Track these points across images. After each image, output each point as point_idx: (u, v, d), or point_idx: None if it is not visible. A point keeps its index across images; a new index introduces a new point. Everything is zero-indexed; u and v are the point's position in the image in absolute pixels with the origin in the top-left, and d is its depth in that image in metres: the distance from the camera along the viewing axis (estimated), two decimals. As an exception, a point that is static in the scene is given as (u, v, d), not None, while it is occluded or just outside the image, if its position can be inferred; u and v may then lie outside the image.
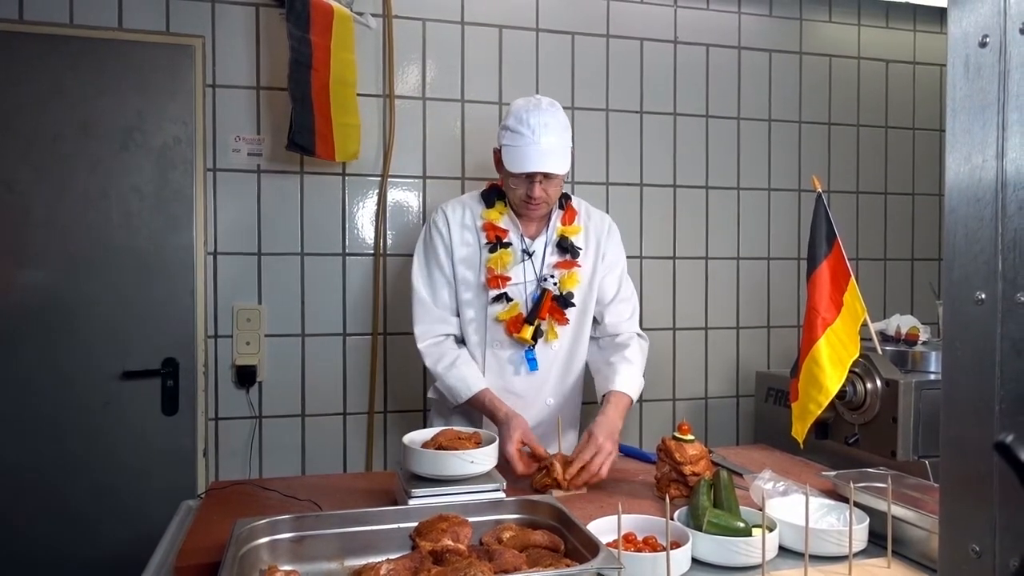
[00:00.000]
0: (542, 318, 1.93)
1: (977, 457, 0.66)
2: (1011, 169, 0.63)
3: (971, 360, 0.66)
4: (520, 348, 1.96)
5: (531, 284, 1.95)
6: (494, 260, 1.92)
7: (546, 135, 1.80)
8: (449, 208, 2.00)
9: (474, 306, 1.96)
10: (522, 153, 1.80)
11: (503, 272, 1.93)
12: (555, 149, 1.82)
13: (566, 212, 2.02)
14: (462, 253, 1.96)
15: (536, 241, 1.98)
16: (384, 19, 2.52)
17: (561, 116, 1.87)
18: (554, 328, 1.96)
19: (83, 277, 2.33)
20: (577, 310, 1.99)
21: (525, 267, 1.95)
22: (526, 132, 1.80)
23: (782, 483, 1.47)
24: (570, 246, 1.98)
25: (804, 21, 2.99)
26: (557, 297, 1.94)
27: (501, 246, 1.93)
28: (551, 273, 1.95)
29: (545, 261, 1.97)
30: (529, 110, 1.83)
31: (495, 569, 1.07)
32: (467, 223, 1.97)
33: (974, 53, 0.66)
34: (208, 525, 1.40)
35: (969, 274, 0.66)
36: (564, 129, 1.86)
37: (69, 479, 2.31)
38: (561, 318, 1.96)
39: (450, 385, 1.89)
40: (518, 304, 1.94)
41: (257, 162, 2.46)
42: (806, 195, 2.99)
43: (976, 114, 0.66)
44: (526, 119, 1.81)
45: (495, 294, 1.92)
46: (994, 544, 0.64)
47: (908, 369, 2.00)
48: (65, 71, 2.30)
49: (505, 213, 1.96)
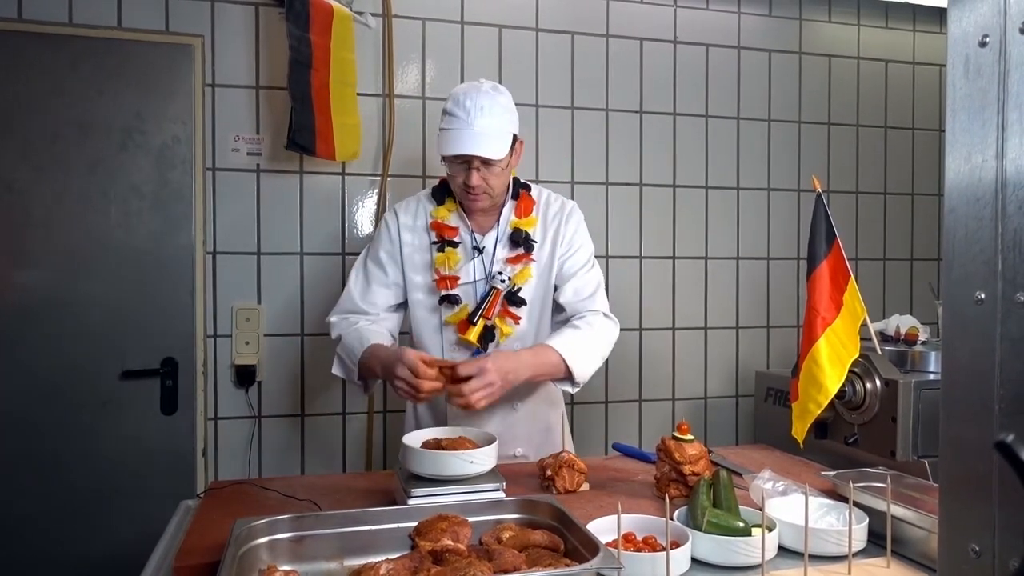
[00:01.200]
0: (487, 317, 1.79)
1: (976, 457, 0.66)
2: (1011, 169, 0.63)
3: (971, 360, 0.66)
4: (472, 351, 1.82)
5: (481, 283, 1.83)
6: (441, 260, 1.82)
7: (481, 117, 1.67)
8: (401, 208, 1.90)
9: (426, 307, 1.86)
10: (454, 136, 1.68)
11: (451, 272, 1.81)
12: (490, 132, 1.68)
13: (520, 203, 1.86)
14: (414, 259, 1.86)
15: (487, 236, 1.85)
16: (384, 19, 2.52)
17: (503, 100, 1.73)
18: (508, 328, 1.82)
19: (82, 277, 2.33)
20: (534, 307, 1.85)
21: (475, 264, 1.83)
22: (460, 114, 1.68)
23: (782, 483, 1.47)
24: (523, 239, 1.83)
25: (804, 21, 2.99)
26: (508, 294, 1.80)
27: (449, 245, 1.82)
28: (500, 269, 1.82)
29: (496, 256, 1.83)
30: (467, 92, 1.71)
31: (495, 569, 1.07)
32: (418, 224, 1.87)
33: (974, 53, 0.65)
34: (207, 525, 1.40)
35: (969, 274, 0.66)
36: (504, 112, 1.72)
37: (68, 478, 2.31)
38: (512, 316, 1.82)
39: (348, 343, 1.76)
40: (468, 305, 1.82)
41: (256, 162, 2.46)
42: (806, 195, 2.99)
43: (976, 114, 0.66)
44: (462, 100, 1.69)
45: (443, 295, 1.81)
46: (993, 544, 0.64)
47: (907, 369, 2.00)
48: (64, 70, 2.30)
49: (454, 210, 1.85)
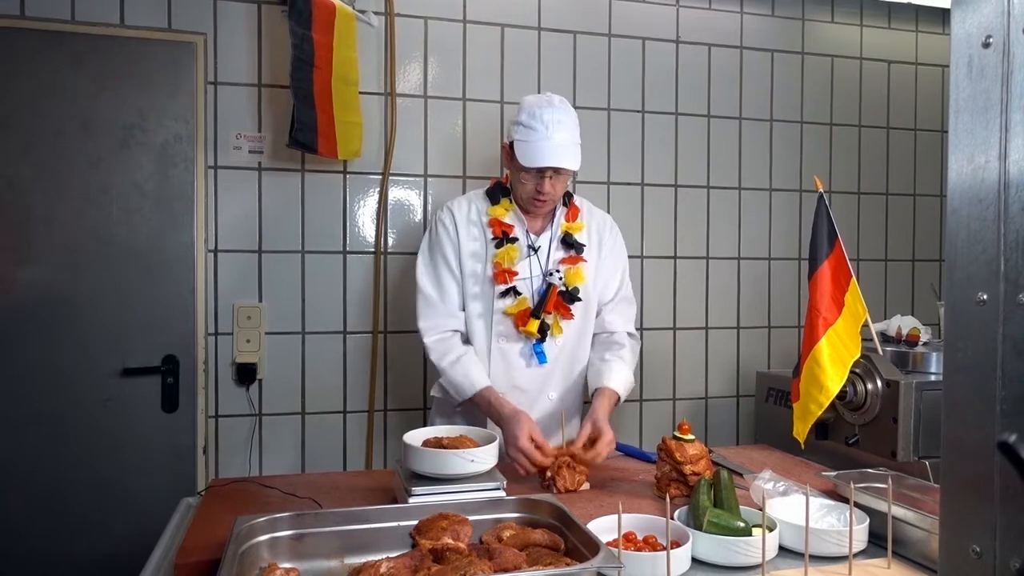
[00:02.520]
0: (547, 312, 1.95)
1: (978, 458, 0.66)
2: (1014, 170, 0.63)
3: (972, 361, 0.66)
4: (526, 342, 1.98)
5: (537, 279, 1.97)
6: (501, 255, 1.94)
7: (559, 131, 1.83)
8: (455, 205, 2.02)
9: (481, 300, 1.97)
10: (535, 148, 1.83)
11: (510, 267, 1.94)
12: (567, 145, 1.85)
13: (569, 209, 2.04)
14: (470, 248, 1.97)
15: (541, 237, 2.00)
16: (386, 17, 2.52)
17: (572, 114, 1.90)
18: (559, 323, 1.98)
19: (83, 274, 2.33)
20: (581, 305, 2.00)
21: (531, 262, 1.98)
22: (539, 128, 1.83)
23: (782, 483, 1.48)
24: (574, 242, 2.00)
25: (806, 21, 2.98)
26: (563, 292, 1.96)
27: (508, 241, 1.95)
28: (556, 268, 1.97)
29: (550, 257, 1.99)
30: (543, 106, 1.86)
31: (495, 568, 1.07)
32: (473, 219, 1.99)
33: (977, 54, 0.65)
34: (208, 522, 1.40)
35: (971, 275, 0.66)
36: (575, 126, 1.90)
37: (69, 476, 2.31)
38: (566, 313, 1.98)
39: (454, 381, 1.89)
40: (526, 298, 1.95)
41: (258, 160, 2.46)
42: (807, 195, 2.98)
43: (979, 115, 0.65)
44: (540, 115, 1.84)
45: (502, 288, 1.94)
46: (994, 545, 0.64)
47: (909, 370, 2.00)
48: (66, 68, 2.30)
49: (511, 210, 1.98)
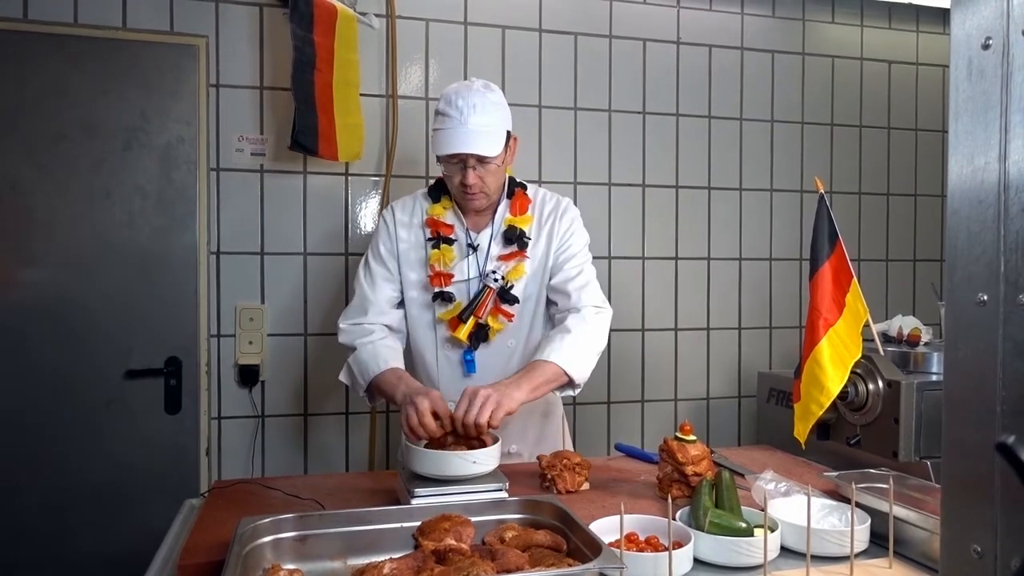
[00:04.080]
0: (478, 316, 1.80)
1: (978, 458, 0.66)
2: (1014, 171, 0.63)
3: (973, 362, 0.67)
4: (463, 349, 1.84)
5: (475, 281, 1.84)
6: (435, 257, 1.83)
7: (474, 115, 1.69)
8: (398, 206, 1.92)
9: (419, 305, 1.87)
10: (448, 135, 1.70)
11: (445, 269, 1.82)
12: (483, 130, 1.70)
13: (515, 201, 1.88)
14: (410, 255, 1.87)
15: (482, 234, 1.86)
16: (387, 19, 2.53)
17: (495, 97, 1.75)
18: (497, 324, 1.82)
19: (86, 276, 2.33)
20: (528, 304, 1.86)
21: (469, 262, 1.84)
22: (453, 113, 1.70)
23: (784, 483, 1.48)
24: (517, 236, 1.84)
25: (807, 22, 2.99)
26: (501, 291, 1.81)
27: (444, 242, 1.83)
28: (494, 267, 1.83)
29: (490, 254, 1.85)
30: (459, 91, 1.72)
31: (497, 569, 1.07)
32: (414, 221, 1.88)
33: (977, 55, 0.66)
34: (211, 524, 1.40)
35: (971, 276, 0.66)
36: (496, 109, 1.73)
37: (72, 478, 2.32)
38: (505, 314, 1.82)
39: (361, 358, 1.77)
40: (461, 303, 1.82)
41: (260, 162, 2.47)
42: (808, 196, 2.99)
43: (979, 116, 0.66)
44: (454, 100, 1.71)
45: (436, 292, 1.83)
46: (995, 545, 0.65)
47: (910, 370, 2.00)
48: (69, 70, 2.31)
49: (450, 208, 1.86)
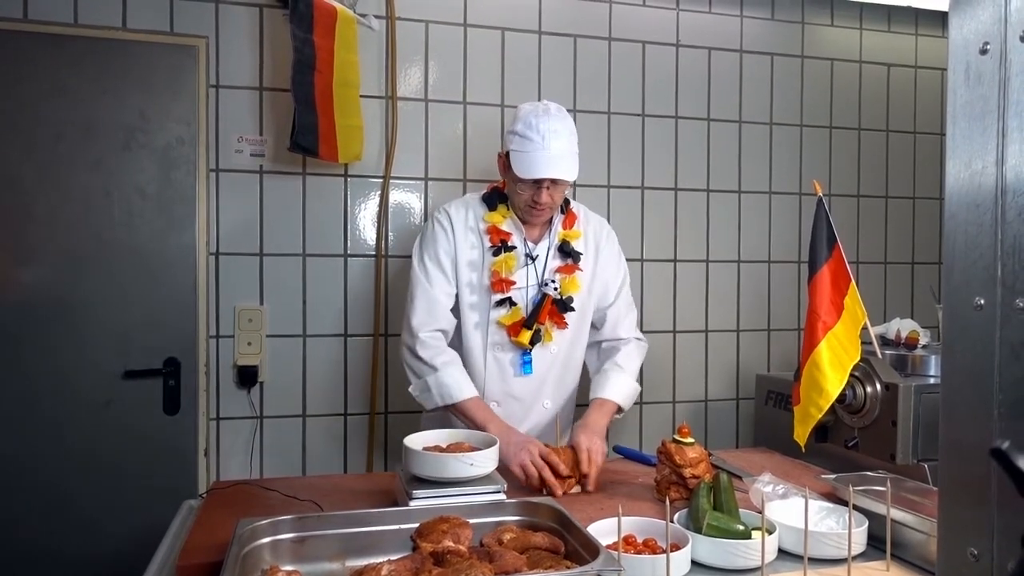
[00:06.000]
0: (541, 322, 1.92)
1: (976, 461, 0.66)
2: (1011, 176, 0.63)
3: (970, 365, 0.67)
4: (518, 351, 1.95)
5: (533, 288, 1.94)
6: (499, 264, 1.90)
7: (556, 141, 1.79)
8: (453, 208, 1.98)
9: (478, 309, 1.94)
10: (531, 159, 1.79)
11: (508, 276, 1.91)
12: (564, 155, 1.81)
13: (567, 216, 2.01)
14: (467, 256, 1.94)
15: (539, 245, 1.97)
16: (387, 21, 2.53)
17: (569, 122, 1.86)
18: (551, 332, 1.95)
19: (85, 276, 2.33)
20: (576, 314, 1.98)
21: (528, 271, 1.94)
22: (535, 138, 1.78)
23: (782, 486, 1.48)
24: (571, 251, 1.97)
25: (806, 25, 2.99)
26: (557, 301, 1.94)
27: (505, 250, 1.92)
28: (552, 278, 1.94)
29: (547, 266, 1.96)
30: (539, 115, 1.81)
31: (495, 570, 1.08)
32: (471, 225, 1.96)
33: (975, 60, 0.66)
34: (210, 525, 1.40)
35: (969, 280, 0.66)
36: (572, 135, 1.85)
37: (70, 478, 2.31)
38: (560, 322, 1.95)
39: (444, 382, 1.84)
40: (520, 308, 1.92)
41: (260, 163, 2.47)
42: (807, 199, 2.99)
43: (976, 120, 0.66)
44: (535, 125, 1.79)
45: (499, 298, 1.91)
46: (992, 547, 0.65)
47: (908, 373, 2.00)
48: (68, 71, 2.31)
49: (508, 216, 1.95)
